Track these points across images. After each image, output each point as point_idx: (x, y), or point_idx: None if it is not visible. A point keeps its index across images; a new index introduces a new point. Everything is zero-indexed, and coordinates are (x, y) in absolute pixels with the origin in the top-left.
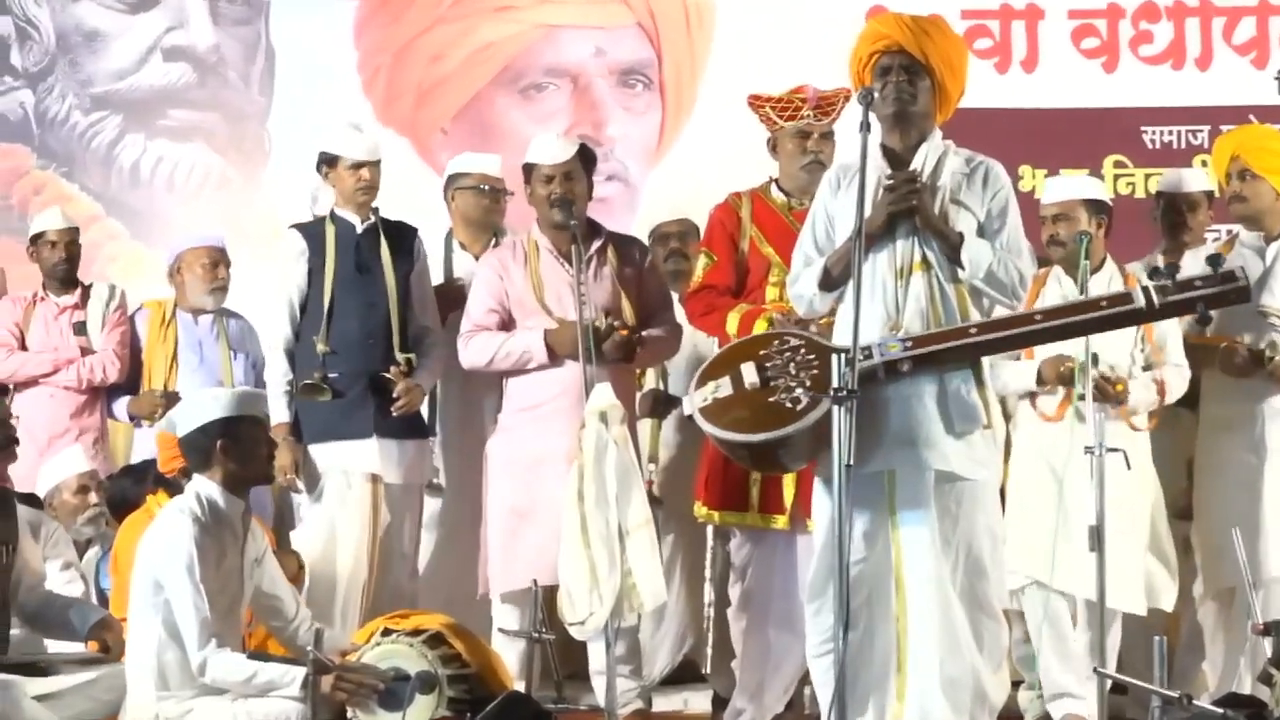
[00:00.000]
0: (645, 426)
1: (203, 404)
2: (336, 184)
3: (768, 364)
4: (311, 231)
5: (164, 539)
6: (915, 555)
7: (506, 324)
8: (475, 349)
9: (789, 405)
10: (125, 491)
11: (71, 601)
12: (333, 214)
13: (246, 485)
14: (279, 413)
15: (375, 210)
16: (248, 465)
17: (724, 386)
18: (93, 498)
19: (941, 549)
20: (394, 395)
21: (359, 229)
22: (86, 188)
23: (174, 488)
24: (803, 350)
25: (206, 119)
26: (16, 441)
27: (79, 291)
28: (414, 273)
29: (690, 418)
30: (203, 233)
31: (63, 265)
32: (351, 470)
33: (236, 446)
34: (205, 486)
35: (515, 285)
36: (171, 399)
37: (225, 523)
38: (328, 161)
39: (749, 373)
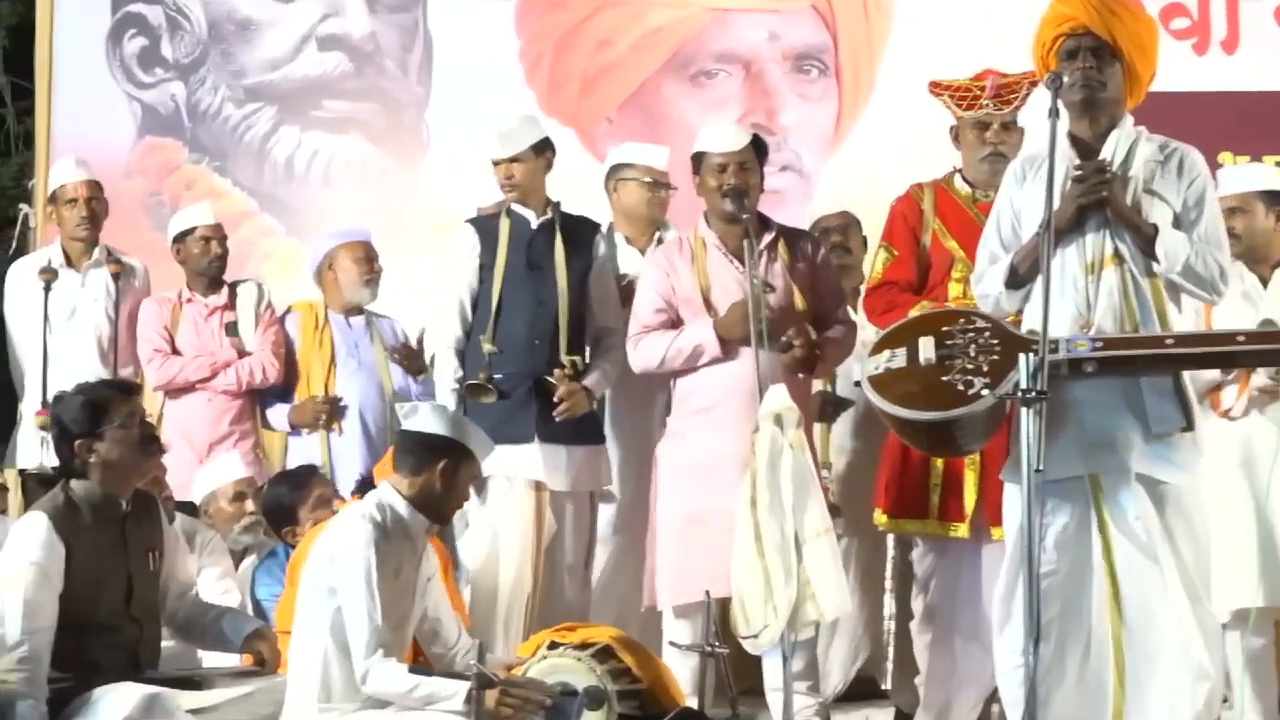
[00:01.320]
0: (815, 431)
1: (443, 415)
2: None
3: (948, 341)
4: (486, 226)
5: (342, 543)
6: (1131, 565)
7: (675, 324)
8: (645, 351)
9: (961, 387)
10: (281, 499)
11: (225, 612)
12: (509, 209)
13: (431, 513)
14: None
15: (555, 205)
16: (448, 499)
17: (899, 357)
18: (249, 505)
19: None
20: (555, 399)
21: (534, 224)
22: (239, 182)
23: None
24: (987, 333)
25: (362, 110)
26: (158, 441)
27: (226, 291)
28: (593, 270)
29: (868, 416)
30: (349, 228)
31: (214, 264)
32: (513, 476)
33: (453, 476)
34: (390, 495)
35: (683, 283)
36: (334, 405)
37: (406, 535)
38: (494, 160)
39: (926, 347)
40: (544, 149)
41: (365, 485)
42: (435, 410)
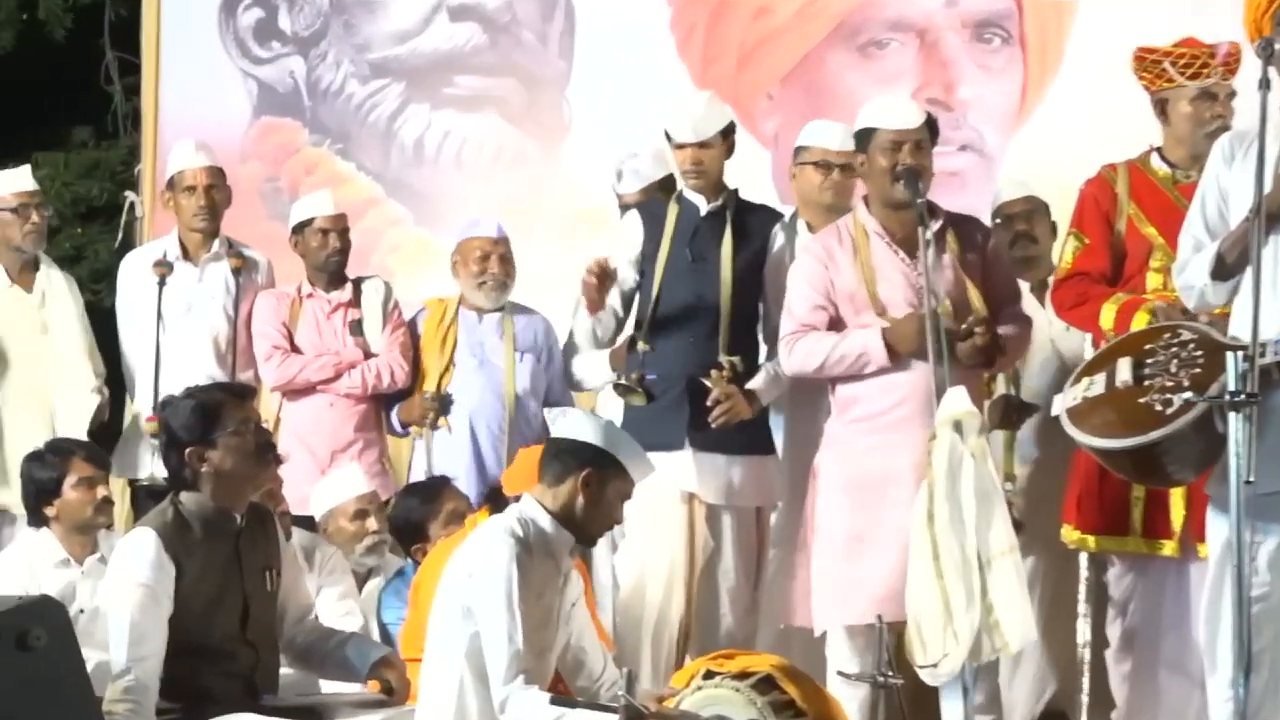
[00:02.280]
0: (997, 439)
1: (592, 421)
2: (675, 163)
3: (1148, 360)
4: (652, 213)
5: (480, 559)
6: None
7: (835, 322)
8: (802, 353)
9: (1158, 408)
10: (410, 513)
11: (349, 637)
12: (679, 194)
13: (575, 530)
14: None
15: (732, 192)
16: (592, 516)
17: (1097, 384)
18: (372, 524)
19: None
20: (708, 403)
21: (703, 212)
22: (364, 167)
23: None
24: (1191, 345)
25: (498, 86)
26: (275, 450)
27: (349, 286)
28: (769, 263)
29: (1054, 422)
30: (472, 220)
31: (334, 257)
32: (662, 486)
33: (598, 490)
34: (533, 510)
35: (843, 277)
36: (444, 402)
37: (549, 554)
38: (666, 137)
39: (1123, 369)
40: (729, 133)
41: (493, 495)
42: (584, 416)
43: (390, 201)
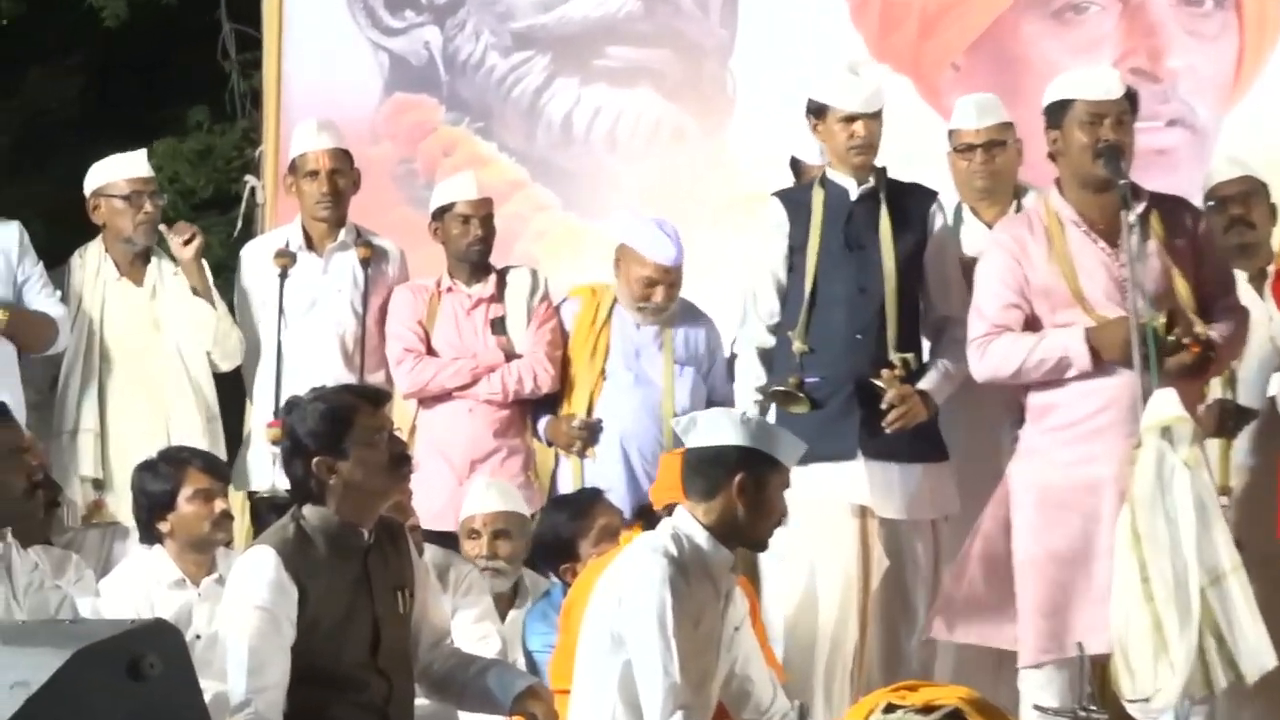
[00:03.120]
0: (1212, 448)
1: (729, 421)
2: (827, 140)
3: None
4: (795, 199)
5: (630, 582)
6: None
7: (1031, 321)
8: (997, 357)
9: None
10: (559, 529)
11: (491, 664)
12: (823, 177)
13: (741, 540)
14: None
15: (880, 172)
16: (757, 520)
17: None
18: (482, 547)
19: None
20: (883, 405)
21: (853, 195)
22: (506, 147)
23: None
24: None
25: (655, 57)
26: (410, 461)
27: (493, 279)
28: (928, 249)
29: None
30: (654, 234)
31: (477, 246)
32: (833, 501)
33: (757, 492)
34: (688, 525)
35: (1038, 271)
36: (594, 431)
37: (708, 574)
38: (815, 112)
39: None
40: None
41: (645, 513)
42: (718, 418)
43: (535, 185)
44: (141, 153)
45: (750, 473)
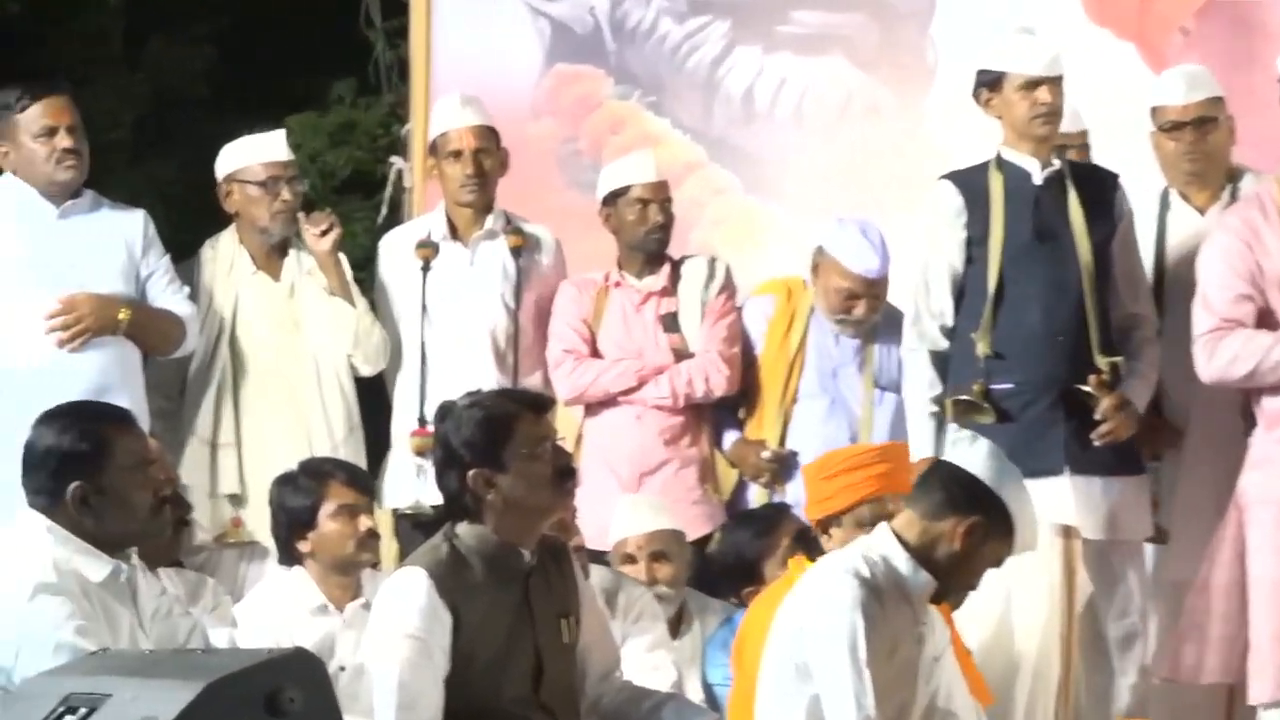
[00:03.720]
0: None
1: (997, 465)
2: (1003, 113)
3: None
4: (971, 183)
5: (817, 607)
6: None
7: (1264, 315)
8: (1228, 356)
9: None
10: (742, 549)
11: (665, 699)
12: (999, 158)
13: (936, 575)
14: (924, 443)
15: (1061, 151)
16: (963, 573)
17: None
18: (640, 573)
19: None
20: (1097, 416)
21: (1037, 178)
22: (680, 123)
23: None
24: None
25: (846, 23)
26: (575, 474)
27: (666, 271)
28: (1116, 238)
29: None
30: (858, 242)
31: (655, 234)
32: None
33: (979, 546)
34: (886, 544)
35: (1273, 258)
36: (784, 463)
37: (905, 599)
38: (989, 83)
39: None
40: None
41: (805, 539)
42: (995, 455)
43: (713, 165)
44: (280, 134)
45: (986, 523)
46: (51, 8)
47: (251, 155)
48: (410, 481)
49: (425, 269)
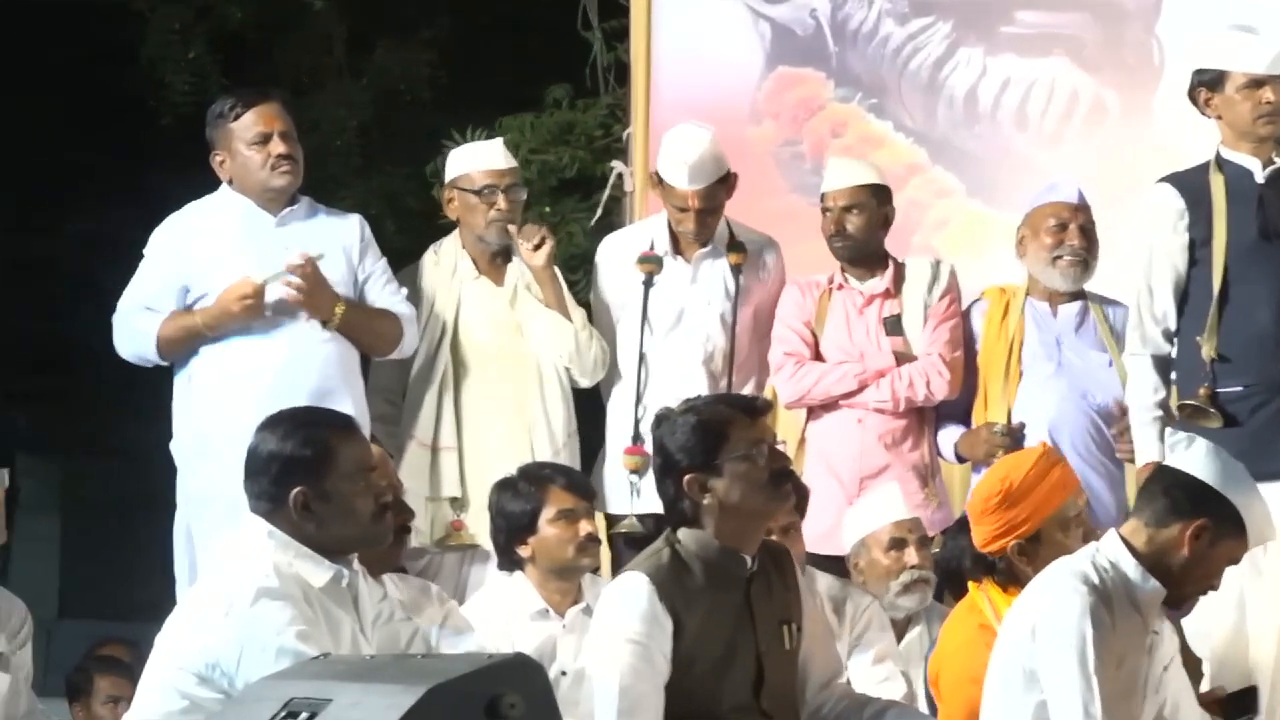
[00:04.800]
0: None
1: (1217, 461)
2: (1224, 112)
3: None
4: (1190, 184)
5: (1047, 612)
6: None
7: None
8: None
9: None
10: (964, 554)
11: (887, 707)
12: (1218, 157)
13: (1165, 583)
14: (1149, 449)
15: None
16: (1196, 577)
17: None
18: (911, 556)
19: None
20: None
21: (1259, 176)
22: (902, 126)
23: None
24: None
25: (1070, 22)
26: (793, 477)
27: (890, 272)
28: None
29: None
30: (1052, 183)
31: (864, 238)
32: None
33: (1209, 548)
34: (1116, 551)
35: None
36: (1017, 436)
37: (1136, 608)
38: (1208, 83)
39: None
40: None
41: (985, 564)
42: (1213, 453)
43: (936, 168)
44: (497, 142)
45: (1214, 524)
46: (274, 16)
47: (470, 162)
48: (623, 496)
49: (648, 284)
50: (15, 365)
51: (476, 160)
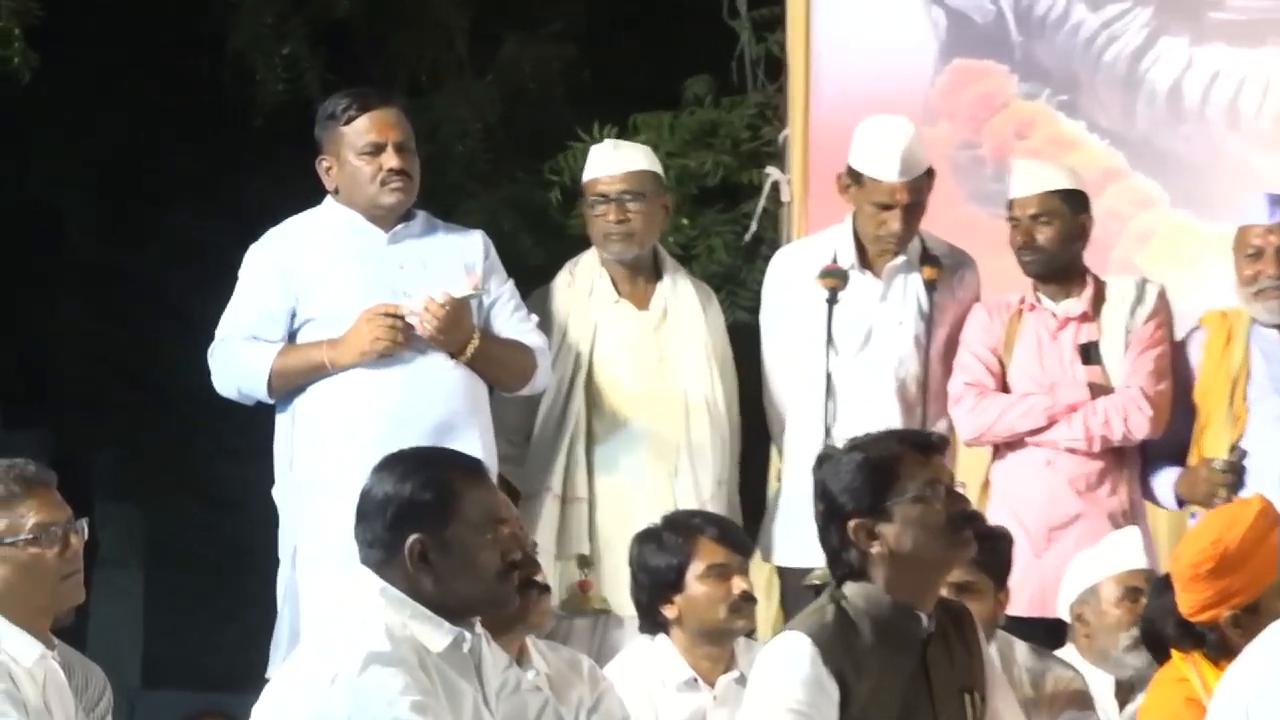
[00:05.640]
0: None
1: None
2: None
3: None
4: None
5: (1260, 686)
6: None
7: None
8: None
9: None
10: (1167, 617)
11: None
12: None
13: None
14: None
15: None
16: None
17: None
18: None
19: None
20: None
21: None
22: (1097, 125)
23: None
24: None
25: None
26: (974, 522)
27: (1088, 293)
28: None
29: None
30: (1255, 199)
31: (1056, 253)
32: None
33: None
34: None
35: None
36: (1238, 470)
37: None
38: None
39: None
40: None
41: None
42: None
43: (1136, 174)
44: (619, 144)
45: None
46: (386, 4)
47: (594, 166)
48: (807, 546)
49: (831, 301)
50: (93, 398)
51: (592, 165)
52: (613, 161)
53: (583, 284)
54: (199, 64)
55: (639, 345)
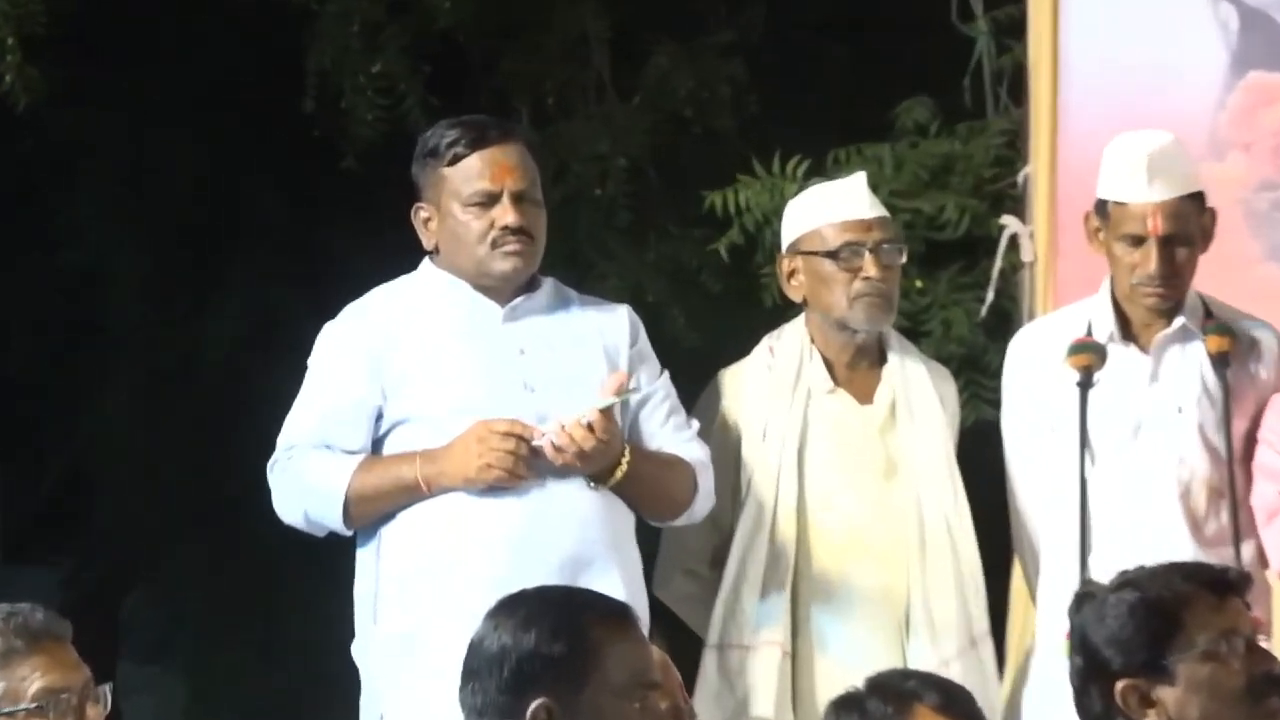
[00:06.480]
0: None
1: None
2: None
3: None
4: None
5: None
6: None
7: None
8: None
9: None
10: None
11: None
12: None
13: None
14: None
15: None
16: None
17: None
18: None
19: None
20: None
21: None
22: None
23: None
24: None
25: None
26: None
27: None
28: None
29: None
30: None
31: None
32: None
33: None
34: None
35: None
36: None
37: None
38: None
39: None
40: None
41: None
42: None
43: None
44: (858, 179)
45: None
46: (503, 13)
47: (819, 213)
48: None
49: (1084, 385)
50: (126, 521)
51: (828, 207)
52: (869, 201)
53: (786, 368)
54: (272, 88)
55: (861, 447)
